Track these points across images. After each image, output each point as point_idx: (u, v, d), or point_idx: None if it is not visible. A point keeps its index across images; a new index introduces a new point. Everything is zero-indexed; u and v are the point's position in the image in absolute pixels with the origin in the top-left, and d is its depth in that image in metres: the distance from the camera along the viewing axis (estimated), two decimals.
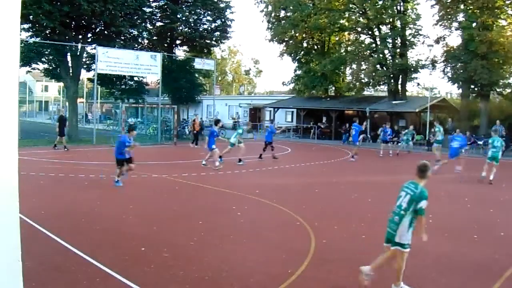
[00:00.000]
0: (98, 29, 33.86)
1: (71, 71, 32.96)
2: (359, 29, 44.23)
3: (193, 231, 9.38)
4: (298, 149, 31.53)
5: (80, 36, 33.22)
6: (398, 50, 41.36)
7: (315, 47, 49.02)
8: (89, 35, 34.24)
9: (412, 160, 25.76)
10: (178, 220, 10.46)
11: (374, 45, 42.49)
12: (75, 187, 14.25)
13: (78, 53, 32.84)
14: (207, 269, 7.12)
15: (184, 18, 39.15)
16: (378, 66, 41.03)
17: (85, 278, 6.59)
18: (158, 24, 40.01)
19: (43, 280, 6.45)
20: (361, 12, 42.78)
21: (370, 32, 43.08)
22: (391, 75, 40.93)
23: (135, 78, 37.50)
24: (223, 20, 40.89)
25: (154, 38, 40.46)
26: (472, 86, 37.44)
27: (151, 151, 27.67)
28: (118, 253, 7.79)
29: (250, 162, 21.49)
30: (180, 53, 43.98)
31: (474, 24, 35.63)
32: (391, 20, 41.09)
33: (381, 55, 40.68)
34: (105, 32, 33.54)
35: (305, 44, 49.25)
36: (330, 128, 42.60)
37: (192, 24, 39.81)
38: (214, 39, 41.93)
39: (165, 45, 40.64)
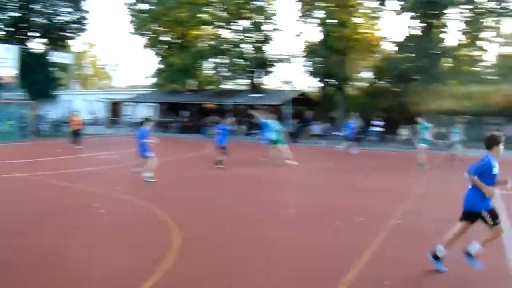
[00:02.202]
0: None
1: None
2: (220, 23, 44.99)
3: (55, 231, 9.08)
4: (160, 143, 31.44)
5: None
6: (258, 44, 42.66)
7: (176, 40, 49.06)
8: None
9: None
10: (38, 221, 9.93)
11: (233, 39, 43.47)
12: None
13: None
14: (70, 269, 6.99)
15: (40, 9, 37.65)
16: (238, 60, 42.01)
17: None
18: (13, 14, 38.06)
19: None
20: (221, 6, 43.55)
21: (229, 27, 43.99)
22: (251, 69, 42.12)
23: None
24: (80, 12, 39.90)
25: (9, 29, 38.46)
26: (330, 80, 39.74)
27: (6, 149, 26.49)
28: None
29: (111, 158, 21.30)
30: (37, 45, 42.21)
31: (332, 21, 37.82)
32: (251, 15, 42.29)
33: (241, 49, 41.72)
34: None
35: (166, 38, 49.10)
36: (191, 122, 43.05)
37: (49, 16, 38.42)
38: (71, 31, 40.76)
39: (21, 37, 38.72)
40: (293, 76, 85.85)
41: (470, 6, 38.41)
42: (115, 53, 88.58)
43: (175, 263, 7.27)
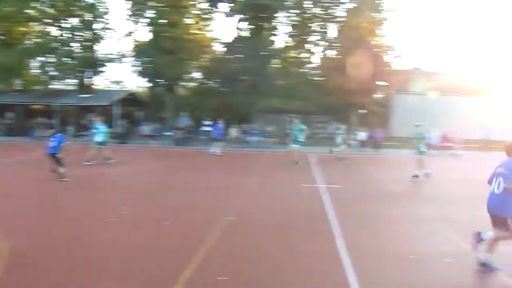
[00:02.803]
0: None
1: None
2: (47, 20, 43.05)
3: None
4: None
5: None
6: (87, 43, 41.50)
7: (1, 37, 46.06)
8: None
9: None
10: None
11: (62, 37, 41.87)
12: None
13: None
14: None
15: None
16: (66, 58, 40.50)
17: None
18: None
19: None
20: (49, 2, 41.74)
21: (58, 24, 42.30)
22: (80, 68, 40.88)
23: None
24: None
25: None
26: (160, 80, 39.56)
27: None
28: None
29: None
30: None
31: (162, 21, 37.64)
32: (80, 12, 41.04)
33: (69, 48, 40.34)
34: None
35: None
36: (17, 124, 40.76)
37: None
38: None
39: None
40: (123, 76, 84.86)
41: (298, 11, 40.27)
42: None
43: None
